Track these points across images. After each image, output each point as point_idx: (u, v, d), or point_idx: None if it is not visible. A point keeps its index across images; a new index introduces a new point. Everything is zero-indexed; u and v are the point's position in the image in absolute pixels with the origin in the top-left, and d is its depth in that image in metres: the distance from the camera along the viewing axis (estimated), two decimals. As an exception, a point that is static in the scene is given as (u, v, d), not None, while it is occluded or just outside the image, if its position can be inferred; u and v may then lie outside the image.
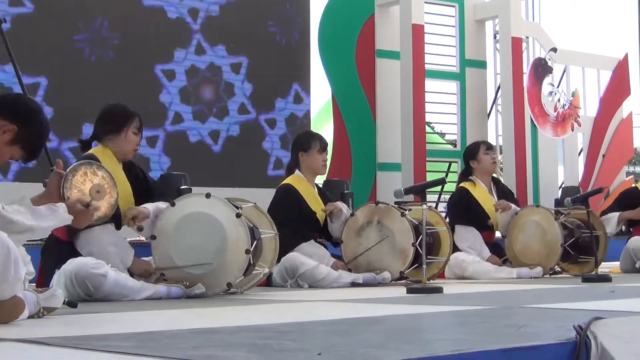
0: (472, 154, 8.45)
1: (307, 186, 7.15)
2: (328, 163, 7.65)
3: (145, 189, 5.86)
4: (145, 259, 5.67)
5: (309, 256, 6.70)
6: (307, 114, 12.28)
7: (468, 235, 8.11)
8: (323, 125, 13.62)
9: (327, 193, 7.57)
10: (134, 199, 5.72)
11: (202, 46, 11.38)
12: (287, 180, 7.14)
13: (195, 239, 5.34)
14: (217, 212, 5.38)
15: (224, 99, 11.54)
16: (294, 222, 6.89)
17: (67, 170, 4.23)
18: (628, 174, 17.63)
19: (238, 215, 5.34)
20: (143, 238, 5.85)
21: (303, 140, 7.23)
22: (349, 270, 6.82)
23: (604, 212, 8.91)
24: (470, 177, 8.37)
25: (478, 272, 7.77)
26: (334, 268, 6.73)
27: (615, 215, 8.70)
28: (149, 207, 5.54)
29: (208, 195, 5.44)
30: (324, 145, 7.20)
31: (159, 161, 10.89)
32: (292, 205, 6.98)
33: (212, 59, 11.46)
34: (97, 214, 4.51)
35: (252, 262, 5.43)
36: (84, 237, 5.41)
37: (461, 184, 8.41)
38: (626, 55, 15.71)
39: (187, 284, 5.29)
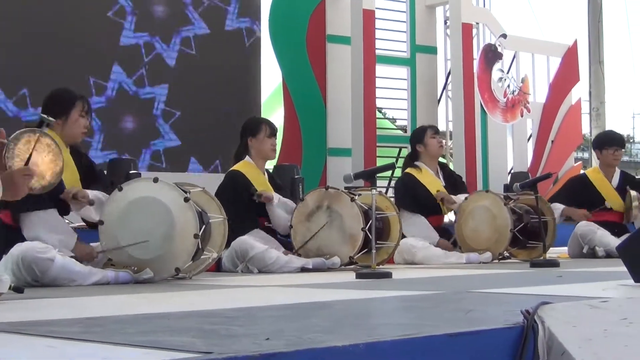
0: (418, 138, 8.47)
1: (256, 172, 7.13)
2: (278, 148, 7.64)
3: (90, 176, 5.80)
4: (92, 244, 5.62)
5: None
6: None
7: (414, 222, 8.13)
8: (274, 110, 13.58)
9: (277, 178, 7.56)
10: (80, 184, 5.67)
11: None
12: (236, 167, 7.12)
13: (143, 224, 5.30)
14: (164, 197, 5.34)
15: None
16: (243, 207, 6.87)
17: (9, 138, 4.09)
18: (576, 159, 17.78)
19: (186, 200, 5.31)
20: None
21: (251, 126, 7.21)
22: (298, 254, 6.82)
23: (551, 200, 8.97)
24: (416, 163, 8.40)
25: (427, 258, 7.80)
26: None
27: (559, 208, 8.77)
28: (88, 192, 5.53)
29: (156, 180, 5.40)
30: (272, 130, 7.18)
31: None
32: (240, 191, 6.95)
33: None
34: (42, 183, 4.41)
35: (200, 247, 5.40)
36: (28, 221, 5.36)
37: (406, 170, 8.43)
38: (575, 42, 15.82)
39: (135, 269, 5.25)
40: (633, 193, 8.76)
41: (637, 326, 2.64)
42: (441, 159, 8.81)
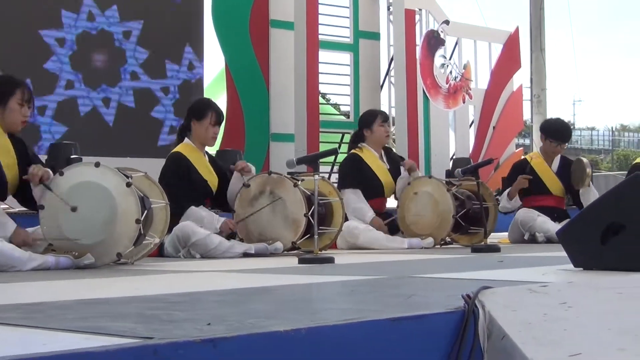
0: (367, 123, 8.49)
1: (198, 155, 7.10)
2: (221, 133, 7.60)
3: (26, 161, 5.71)
4: (30, 229, 5.55)
5: (199, 219, 6.69)
6: (200, 81, 12.18)
7: (353, 197, 8.13)
8: (217, 95, 13.50)
9: (219, 161, 7.52)
10: (17, 168, 5.61)
11: (92, 13, 11.18)
12: (178, 148, 7.08)
13: (84, 209, 5.25)
14: (106, 182, 5.30)
15: (117, 65, 11.37)
16: (185, 191, 6.85)
17: None
18: (518, 145, 17.94)
19: (128, 185, 5.27)
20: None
21: (198, 109, 7.15)
22: (241, 239, 6.81)
23: (502, 190, 9.12)
24: (361, 144, 8.43)
25: (370, 241, 7.83)
26: (223, 228, 6.72)
27: (504, 195, 8.86)
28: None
29: (97, 165, 5.36)
30: (218, 119, 7.13)
31: (49, 130, 10.68)
32: (182, 174, 6.92)
33: (102, 25, 11.28)
34: None
35: (142, 232, 5.38)
36: None
37: (353, 150, 8.45)
38: (517, 29, 15.95)
39: (76, 254, 5.21)
40: (585, 160, 8.86)
41: (576, 310, 2.67)
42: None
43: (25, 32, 10.59)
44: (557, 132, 9.16)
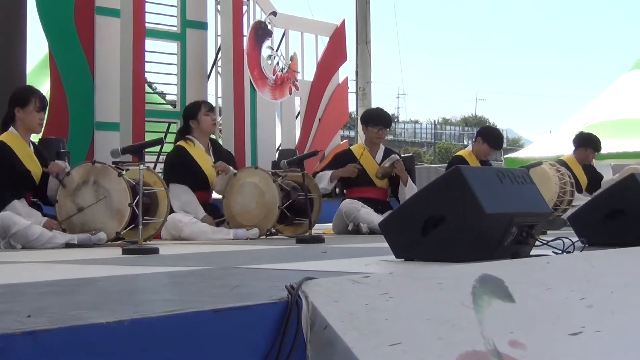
0: (192, 113, 8.46)
1: (22, 144, 6.95)
2: (44, 121, 7.48)
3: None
4: None
5: (21, 216, 6.56)
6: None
7: (181, 194, 8.10)
8: (41, 82, 13.20)
9: (43, 151, 7.38)
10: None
11: None
12: (1, 137, 6.91)
13: None
14: None
15: None
16: (8, 181, 6.70)
17: None
18: (343, 137, 18.16)
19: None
20: None
21: (21, 96, 7.00)
22: (63, 230, 6.71)
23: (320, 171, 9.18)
24: (188, 137, 8.39)
25: (195, 233, 7.80)
26: (47, 227, 6.60)
27: (327, 173, 8.97)
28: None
29: None
30: (42, 104, 7.01)
31: None
32: (6, 163, 6.77)
33: None
34: None
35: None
36: None
37: (179, 143, 8.40)
38: (343, 22, 16.14)
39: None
40: (395, 156, 9.07)
41: (397, 300, 2.73)
42: (211, 135, 8.82)
43: None
44: (378, 116, 9.34)
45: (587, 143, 11.50)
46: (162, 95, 18.22)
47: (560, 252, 4.26)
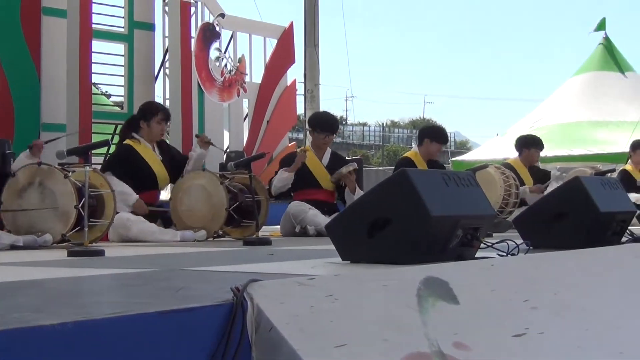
0: (147, 115, 8.44)
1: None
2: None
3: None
4: None
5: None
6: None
7: (113, 180, 7.95)
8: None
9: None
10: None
11: None
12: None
13: None
14: None
15: None
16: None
17: None
18: (291, 140, 18.16)
19: None
20: None
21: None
22: (9, 231, 6.65)
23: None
24: (135, 135, 8.35)
25: (143, 232, 7.76)
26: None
27: (282, 172, 9.06)
28: None
29: None
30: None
31: None
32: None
33: None
34: None
35: None
36: None
37: (125, 141, 8.37)
38: (291, 24, 16.13)
39: None
40: (354, 164, 9.15)
41: (342, 302, 2.75)
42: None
43: None
44: (325, 123, 9.39)
45: (529, 144, 11.64)
46: (109, 96, 18.07)
47: (505, 254, 4.30)
